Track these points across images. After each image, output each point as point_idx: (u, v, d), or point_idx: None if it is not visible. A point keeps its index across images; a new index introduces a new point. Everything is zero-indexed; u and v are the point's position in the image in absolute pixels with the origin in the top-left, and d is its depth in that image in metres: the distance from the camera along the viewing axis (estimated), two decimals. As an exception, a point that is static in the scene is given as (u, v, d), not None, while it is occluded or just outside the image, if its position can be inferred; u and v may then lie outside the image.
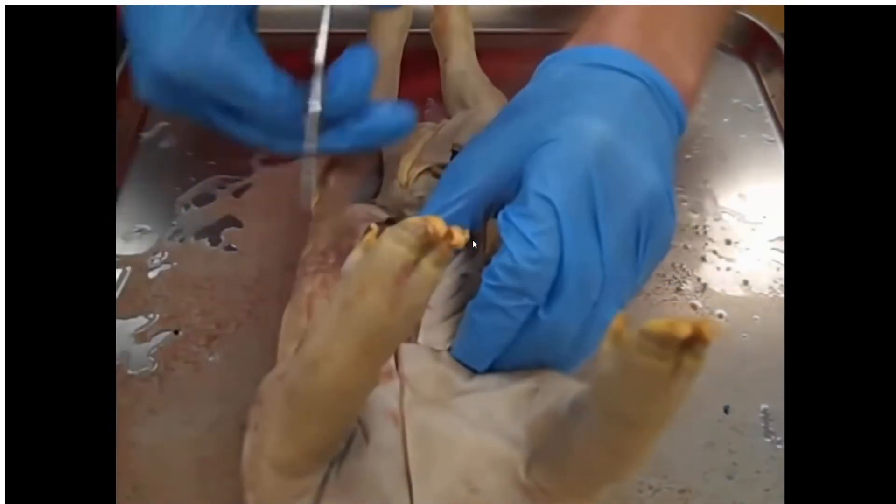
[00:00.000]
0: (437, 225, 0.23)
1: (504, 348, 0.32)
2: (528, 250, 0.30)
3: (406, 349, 0.33)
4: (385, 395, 0.31)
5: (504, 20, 0.66)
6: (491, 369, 0.33)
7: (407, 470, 0.30)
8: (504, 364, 0.33)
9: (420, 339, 0.34)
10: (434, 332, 0.34)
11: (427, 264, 0.24)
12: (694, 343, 0.21)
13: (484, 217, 0.35)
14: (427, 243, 0.24)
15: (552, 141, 0.32)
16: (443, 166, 0.42)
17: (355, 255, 0.25)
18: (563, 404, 0.28)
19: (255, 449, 0.30)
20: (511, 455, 0.29)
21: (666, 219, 0.33)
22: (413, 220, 0.24)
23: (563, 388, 0.30)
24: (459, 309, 0.34)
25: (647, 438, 0.25)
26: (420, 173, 0.41)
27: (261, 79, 0.32)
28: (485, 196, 0.34)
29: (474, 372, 0.33)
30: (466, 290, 0.35)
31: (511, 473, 0.29)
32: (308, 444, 0.28)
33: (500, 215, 0.32)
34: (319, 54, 0.33)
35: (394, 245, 0.23)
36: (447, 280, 0.34)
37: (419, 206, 0.39)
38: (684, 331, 0.21)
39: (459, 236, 0.24)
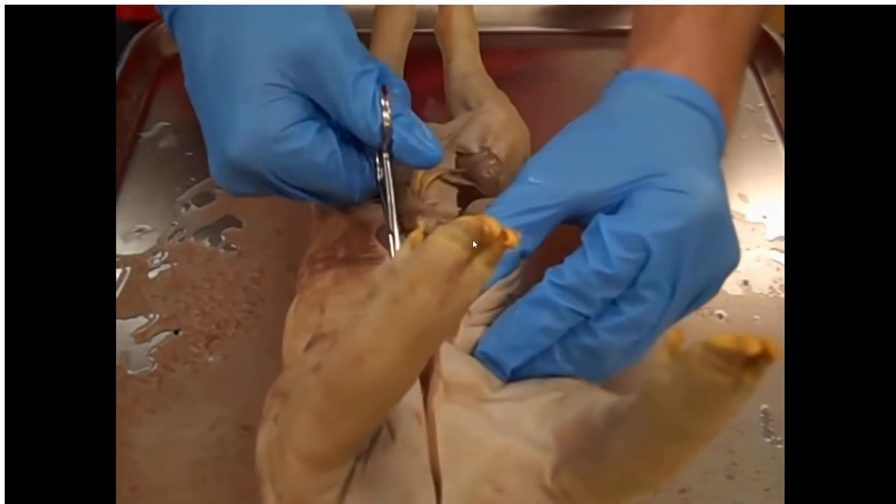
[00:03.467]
0: (493, 225, 0.23)
1: (540, 351, 0.33)
2: (604, 266, 0.31)
3: (445, 348, 0.33)
4: (408, 393, 0.31)
5: (504, 20, 0.66)
6: (515, 377, 0.33)
7: (434, 466, 0.30)
8: (531, 371, 0.33)
9: (457, 342, 0.34)
10: (471, 336, 0.34)
11: (479, 263, 0.24)
12: (758, 360, 0.21)
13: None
14: (481, 243, 0.24)
15: (670, 191, 0.32)
16: (453, 173, 0.42)
17: (403, 252, 0.25)
18: (595, 412, 0.29)
19: (275, 441, 0.30)
20: (537, 459, 0.29)
21: (720, 286, 0.35)
22: (468, 219, 0.24)
23: (591, 397, 0.30)
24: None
25: (693, 450, 0.25)
26: (432, 181, 0.41)
27: (328, 182, 0.36)
28: (574, 209, 0.34)
29: (504, 381, 0.33)
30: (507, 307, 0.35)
31: (536, 477, 0.29)
32: (341, 438, 0.28)
33: (593, 222, 0.32)
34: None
35: (448, 242, 0.23)
36: (492, 293, 0.35)
37: (432, 214, 0.40)
38: (753, 348, 0.21)
39: (513, 237, 0.24)
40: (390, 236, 0.36)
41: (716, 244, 0.33)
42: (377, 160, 0.37)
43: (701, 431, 0.24)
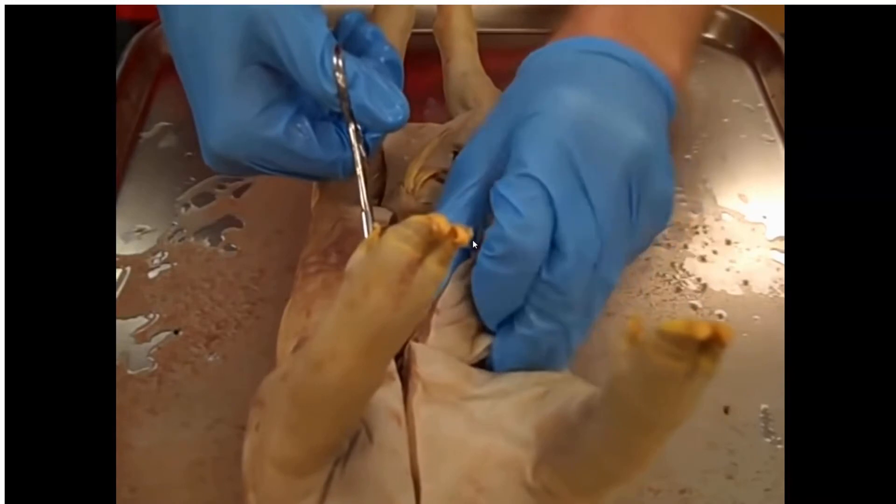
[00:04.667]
0: (441, 223, 0.23)
1: (510, 311, 0.33)
2: (516, 218, 0.31)
3: (420, 349, 0.33)
4: (387, 395, 0.31)
5: (504, 20, 0.66)
6: (503, 368, 0.33)
7: (414, 469, 0.30)
8: (515, 346, 0.33)
9: (430, 342, 0.34)
10: (444, 335, 0.34)
11: (431, 262, 0.24)
12: (711, 345, 0.21)
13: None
14: (431, 242, 0.24)
15: (534, 115, 0.32)
16: (447, 171, 0.42)
17: (358, 254, 0.25)
18: (572, 406, 0.29)
19: (256, 449, 0.30)
20: (518, 456, 0.29)
21: (660, 177, 0.33)
22: (417, 219, 0.24)
23: (572, 391, 0.30)
24: (467, 315, 0.34)
25: (658, 440, 0.25)
26: (426, 179, 0.41)
27: (305, 164, 0.36)
28: (489, 184, 0.34)
29: (488, 376, 0.33)
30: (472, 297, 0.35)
31: (518, 474, 0.29)
32: (313, 443, 0.28)
33: (491, 191, 0.32)
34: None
35: (398, 243, 0.24)
36: (453, 288, 0.35)
37: (425, 213, 0.39)
38: (703, 332, 0.21)
39: (463, 234, 0.24)
40: (363, 214, 0.35)
41: (597, 136, 0.32)
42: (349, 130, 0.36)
43: (663, 420, 0.24)
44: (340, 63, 0.33)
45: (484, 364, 0.34)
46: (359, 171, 0.36)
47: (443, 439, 0.30)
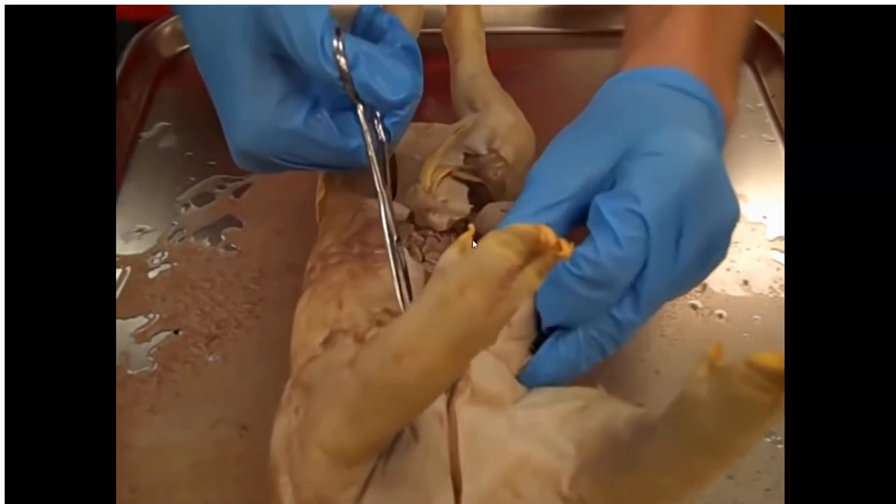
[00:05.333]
0: (549, 234, 0.23)
1: (561, 324, 0.34)
2: (616, 249, 0.31)
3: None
4: None
5: (503, 20, 0.66)
6: (537, 382, 0.34)
7: (454, 469, 0.30)
8: (555, 364, 0.34)
9: (493, 349, 0.34)
10: (508, 347, 0.34)
11: (531, 272, 0.24)
12: None
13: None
14: (534, 251, 0.24)
15: (656, 154, 0.32)
16: (463, 169, 0.42)
17: (451, 254, 0.25)
18: (618, 423, 0.29)
19: (298, 433, 0.30)
20: (556, 466, 0.29)
21: (729, 241, 0.35)
22: (524, 227, 0.23)
23: (612, 408, 0.30)
24: (532, 331, 0.35)
25: (723, 465, 0.25)
26: (443, 177, 0.41)
27: (329, 154, 0.36)
28: (584, 200, 0.34)
29: (527, 389, 0.34)
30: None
31: (554, 483, 0.29)
32: (371, 435, 0.28)
33: (592, 210, 0.32)
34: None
35: (502, 249, 0.23)
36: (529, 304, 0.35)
37: (444, 211, 0.40)
38: None
39: (567, 248, 0.24)
40: (379, 197, 0.35)
41: (712, 199, 0.33)
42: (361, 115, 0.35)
43: (734, 446, 0.24)
44: (341, 45, 0.33)
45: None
46: (371, 153, 0.35)
47: (484, 442, 0.30)
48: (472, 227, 0.27)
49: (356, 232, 0.39)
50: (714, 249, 0.34)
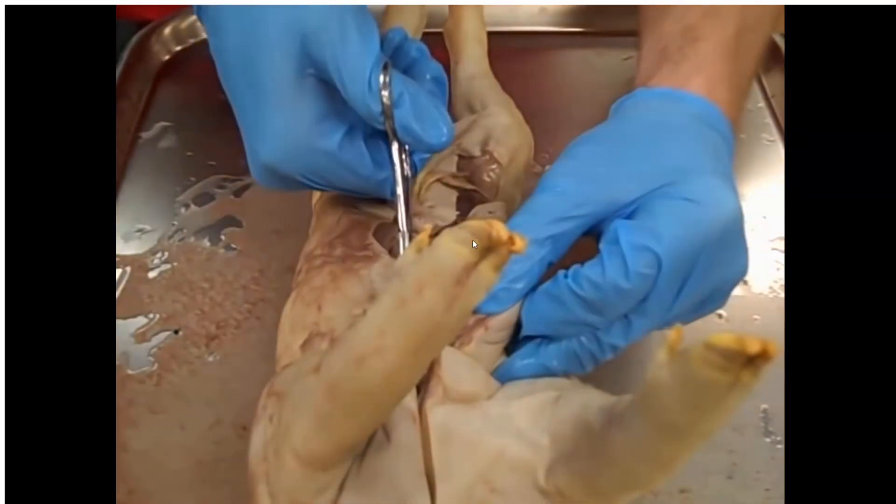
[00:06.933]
0: (500, 229, 0.23)
1: (545, 334, 0.34)
2: (623, 281, 0.31)
3: (447, 353, 0.33)
4: None
5: (504, 20, 0.66)
6: (512, 376, 0.34)
7: (428, 469, 0.30)
8: (541, 361, 0.34)
9: (467, 351, 0.34)
10: (483, 350, 0.34)
11: (486, 267, 0.24)
12: (756, 359, 0.21)
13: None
14: (488, 247, 0.24)
15: (690, 201, 0.32)
16: (454, 176, 0.42)
17: (409, 254, 0.25)
18: (590, 412, 0.29)
19: (273, 441, 0.30)
20: (531, 458, 0.29)
21: (729, 295, 0.35)
22: (476, 224, 0.24)
23: (585, 397, 0.30)
24: (509, 340, 0.35)
25: (689, 448, 0.25)
26: (431, 183, 0.41)
27: (356, 180, 0.36)
28: (597, 220, 0.34)
29: (498, 385, 0.34)
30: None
31: (530, 476, 0.29)
32: (342, 439, 0.28)
33: (607, 232, 0.32)
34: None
35: (456, 246, 0.24)
36: (513, 310, 0.35)
37: (429, 216, 0.39)
38: (753, 347, 0.21)
39: (520, 242, 0.24)
40: (399, 235, 0.35)
41: (726, 255, 0.33)
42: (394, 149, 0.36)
43: (698, 429, 0.24)
44: (387, 80, 0.33)
45: None
46: (399, 190, 0.36)
47: (457, 439, 0.30)
48: (427, 227, 0.27)
49: (340, 234, 0.39)
50: (712, 301, 0.34)
